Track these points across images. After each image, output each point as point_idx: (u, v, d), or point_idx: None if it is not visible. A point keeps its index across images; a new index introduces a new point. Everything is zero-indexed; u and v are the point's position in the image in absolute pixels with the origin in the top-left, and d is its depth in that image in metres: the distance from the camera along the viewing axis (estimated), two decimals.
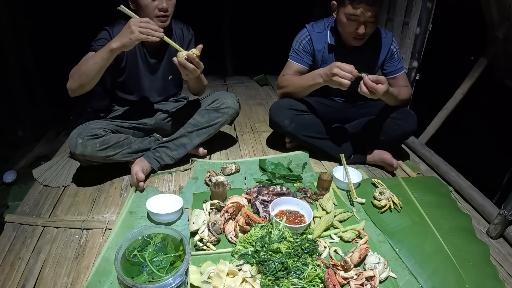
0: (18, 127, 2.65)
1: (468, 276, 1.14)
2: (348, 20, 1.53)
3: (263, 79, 3.29)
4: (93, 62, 1.33)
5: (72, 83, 1.38)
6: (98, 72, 1.35)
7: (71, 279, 1.11)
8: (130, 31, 1.26)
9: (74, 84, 1.38)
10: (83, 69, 1.35)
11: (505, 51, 1.91)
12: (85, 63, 1.35)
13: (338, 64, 1.46)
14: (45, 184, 1.60)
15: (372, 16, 1.49)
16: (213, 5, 3.26)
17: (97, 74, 1.36)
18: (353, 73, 1.44)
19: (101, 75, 1.39)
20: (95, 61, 1.33)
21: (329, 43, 1.71)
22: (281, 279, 1.02)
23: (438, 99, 2.18)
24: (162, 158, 1.65)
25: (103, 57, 1.32)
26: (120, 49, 1.30)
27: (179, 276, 0.99)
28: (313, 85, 1.62)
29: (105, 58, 1.32)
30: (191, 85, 1.72)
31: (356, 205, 1.48)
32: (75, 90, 1.40)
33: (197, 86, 1.73)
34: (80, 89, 1.40)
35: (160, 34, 1.32)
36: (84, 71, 1.35)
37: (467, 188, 1.60)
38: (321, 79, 1.55)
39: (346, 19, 1.53)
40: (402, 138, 1.83)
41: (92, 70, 1.33)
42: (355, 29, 1.54)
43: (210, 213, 1.29)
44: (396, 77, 1.77)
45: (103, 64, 1.33)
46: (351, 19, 1.52)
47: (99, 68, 1.34)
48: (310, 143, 1.79)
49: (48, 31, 2.73)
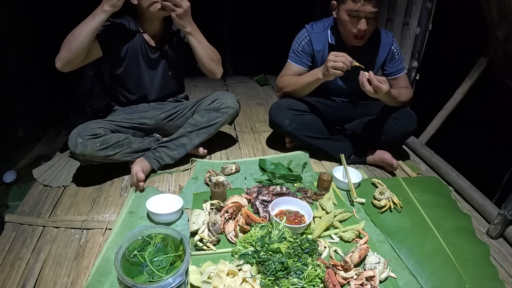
0: (18, 127, 2.65)
1: (468, 276, 1.14)
2: (349, 16, 1.53)
3: (263, 79, 3.29)
4: (84, 24, 1.36)
5: (61, 52, 1.38)
6: (89, 35, 1.36)
7: (71, 279, 1.11)
8: None
9: (63, 51, 1.37)
10: (74, 33, 1.36)
11: (505, 51, 1.91)
12: (76, 28, 1.37)
13: (332, 53, 1.49)
14: (45, 184, 1.60)
15: (373, 12, 1.49)
16: (213, 5, 3.26)
17: (87, 38, 1.36)
18: (347, 59, 1.45)
19: (90, 42, 1.38)
20: (86, 23, 1.36)
21: (330, 42, 1.71)
22: (281, 279, 1.02)
23: (438, 99, 2.18)
24: (162, 158, 1.65)
25: (94, 18, 1.35)
26: (111, 10, 1.34)
27: (179, 276, 0.99)
28: (313, 81, 1.62)
29: (96, 19, 1.35)
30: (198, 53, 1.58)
31: (356, 205, 1.48)
32: (63, 58, 1.38)
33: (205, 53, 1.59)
34: (67, 57, 1.38)
35: None
36: (74, 35, 1.36)
37: (467, 188, 1.60)
38: (320, 74, 1.56)
39: (347, 16, 1.53)
40: (402, 138, 1.83)
41: (83, 32, 1.35)
42: (356, 26, 1.54)
43: (210, 213, 1.29)
44: (397, 78, 1.77)
45: (94, 25, 1.35)
46: (351, 15, 1.52)
47: (90, 30, 1.35)
48: (310, 143, 1.79)
49: (48, 31, 2.74)
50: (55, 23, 2.72)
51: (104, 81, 1.73)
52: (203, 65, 1.64)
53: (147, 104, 1.75)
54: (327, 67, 1.50)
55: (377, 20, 1.57)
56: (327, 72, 1.51)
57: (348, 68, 1.47)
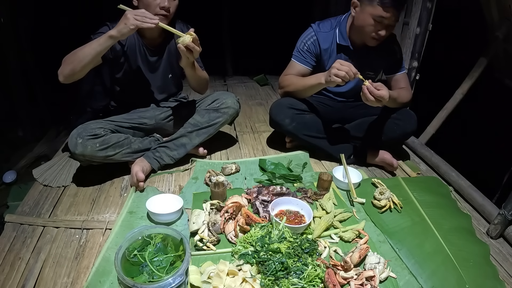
0: (18, 127, 2.65)
1: (468, 276, 1.14)
2: (374, 21, 1.51)
3: (263, 79, 3.29)
4: (89, 48, 1.36)
5: (64, 68, 1.39)
6: (93, 58, 1.36)
7: (71, 279, 1.11)
8: (126, 18, 1.31)
9: (66, 68, 1.38)
10: (78, 54, 1.37)
11: (505, 51, 1.91)
12: (81, 49, 1.38)
13: (338, 61, 1.48)
14: (45, 184, 1.60)
15: (395, 20, 1.51)
16: (213, 5, 3.26)
17: (91, 60, 1.37)
18: (351, 70, 1.44)
19: (94, 64, 1.40)
20: (91, 46, 1.36)
21: (338, 42, 1.69)
22: (281, 279, 1.02)
23: (438, 99, 2.18)
24: (162, 158, 1.65)
25: (100, 43, 1.35)
26: (118, 37, 1.34)
27: (179, 276, 0.99)
28: (315, 85, 1.61)
29: (102, 44, 1.35)
30: (191, 79, 1.65)
31: (356, 205, 1.48)
32: (66, 75, 1.40)
33: (197, 78, 1.66)
34: (70, 75, 1.39)
35: (155, 20, 1.33)
36: (79, 55, 1.36)
37: (467, 188, 1.60)
38: (323, 79, 1.55)
39: (372, 20, 1.51)
40: (402, 138, 1.83)
41: (88, 55, 1.35)
42: (377, 31, 1.53)
43: (210, 213, 1.29)
44: (396, 77, 1.77)
45: (99, 50, 1.36)
46: (376, 21, 1.51)
47: (95, 54, 1.36)
48: (310, 142, 1.79)
49: (48, 31, 2.74)
50: (55, 23, 2.72)
51: (104, 81, 1.73)
52: (191, 86, 1.74)
53: (146, 104, 1.75)
54: (329, 73, 1.49)
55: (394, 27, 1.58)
56: (329, 78, 1.51)
57: (351, 79, 1.45)
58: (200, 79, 1.70)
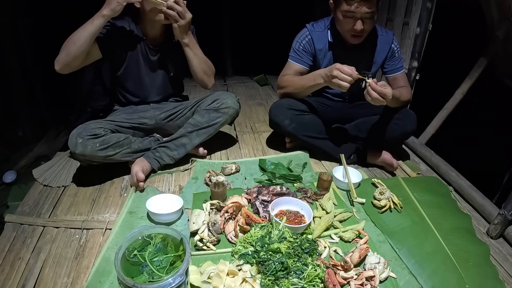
0: (18, 127, 2.65)
1: (468, 276, 1.14)
2: (345, 17, 1.53)
3: (263, 79, 3.29)
4: (83, 29, 1.38)
5: (60, 55, 1.40)
6: (87, 39, 1.37)
7: (71, 279, 1.11)
8: None
9: (61, 54, 1.39)
10: (73, 37, 1.38)
11: (505, 51, 1.91)
12: (75, 32, 1.39)
13: (338, 66, 1.46)
14: (45, 184, 1.60)
15: (369, 12, 1.49)
16: (213, 5, 3.26)
17: (85, 42, 1.38)
18: (353, 76, 1.44)
19: (88, 46, 1.40)
20: (85, 28, 1.38)
21: (329, 41, 1.71)
22: (281, 279, 1.02)
23: (438, 99, 2.18)
24: (162, 158, 1.65)
25: (93, 24, 1.37)
26: (110, 15, 1.36)
27: (179, 276, 0.99)
28: (314, 85, 1.62)
29: (95, 24, 1.37)
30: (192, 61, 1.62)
31: (356, 205, 1.48)
32: (61, 61, 1.40)
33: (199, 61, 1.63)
34: (66, 61, 1.40)
35: None
36: (73, 38, 1.38)
37: (467, 188, 1.60)
38: (321, 79, 1.55)
39: (343, 17, 1.54)
40: (402, 138, 1.83)
41: (82, 37, 1.37)
42: (352, 26, 1.54)
43: (210, 213, 1.29)
44: (396, 76, 1.77)
45: (93, 30, 1.37)
46: (347, 16, 1.52)
47: (88, 35, 1.37)
48: (310, 143, 1.79)
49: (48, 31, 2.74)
50: (55, 23, 2.72)
51: (104, 81, 1.73)
52: (196, 76, 1.68)
53: (147, 104, 1.75)
54: (330, 78, 1.49)
55: (374, 19, 1.57)
56: (328, 81, 1.50)
57: (352, 82, 1.45)
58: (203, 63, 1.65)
